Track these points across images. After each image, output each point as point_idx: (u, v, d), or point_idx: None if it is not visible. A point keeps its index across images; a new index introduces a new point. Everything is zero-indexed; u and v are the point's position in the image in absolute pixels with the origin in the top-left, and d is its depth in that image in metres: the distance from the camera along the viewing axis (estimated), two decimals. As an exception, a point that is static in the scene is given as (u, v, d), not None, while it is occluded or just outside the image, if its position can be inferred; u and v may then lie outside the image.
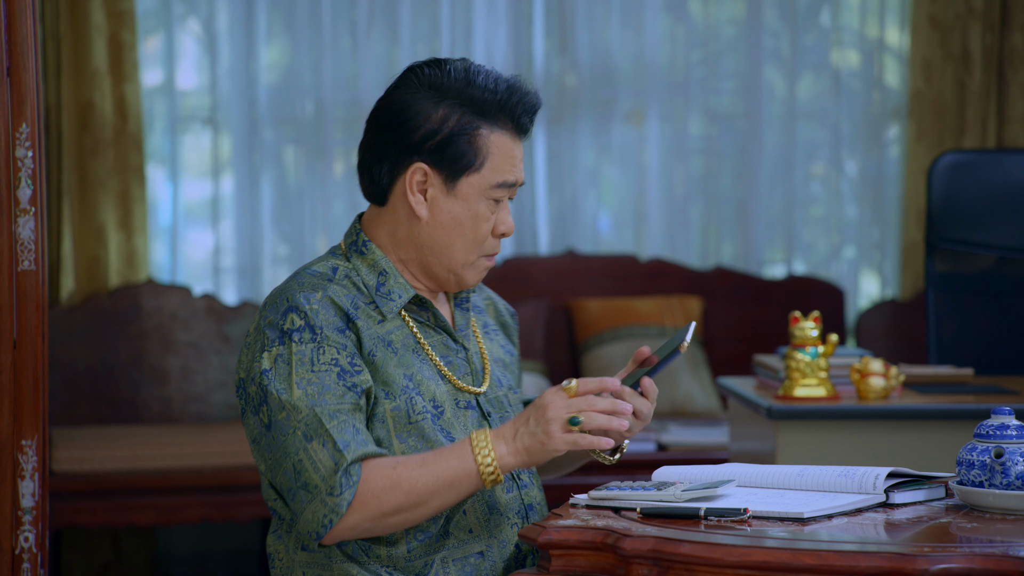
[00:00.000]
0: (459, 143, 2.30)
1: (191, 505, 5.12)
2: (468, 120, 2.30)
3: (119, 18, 5.51)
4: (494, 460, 2.19)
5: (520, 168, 2.35)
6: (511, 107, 2.32)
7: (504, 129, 2.32)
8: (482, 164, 2.31)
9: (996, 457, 2.13)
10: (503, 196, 2.33)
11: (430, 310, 2.37)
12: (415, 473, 2.19)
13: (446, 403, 2.33)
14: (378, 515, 2.19)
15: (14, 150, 2.85)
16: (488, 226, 2.34)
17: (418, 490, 2.19)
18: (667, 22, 6.00)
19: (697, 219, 6.06)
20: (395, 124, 2.34)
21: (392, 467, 2.20)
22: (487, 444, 2.20)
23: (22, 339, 2.86)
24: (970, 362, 4.15)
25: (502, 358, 2.48)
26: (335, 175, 5.84)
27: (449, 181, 2.31)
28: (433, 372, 2.34)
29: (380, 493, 2.19)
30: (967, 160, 4.42)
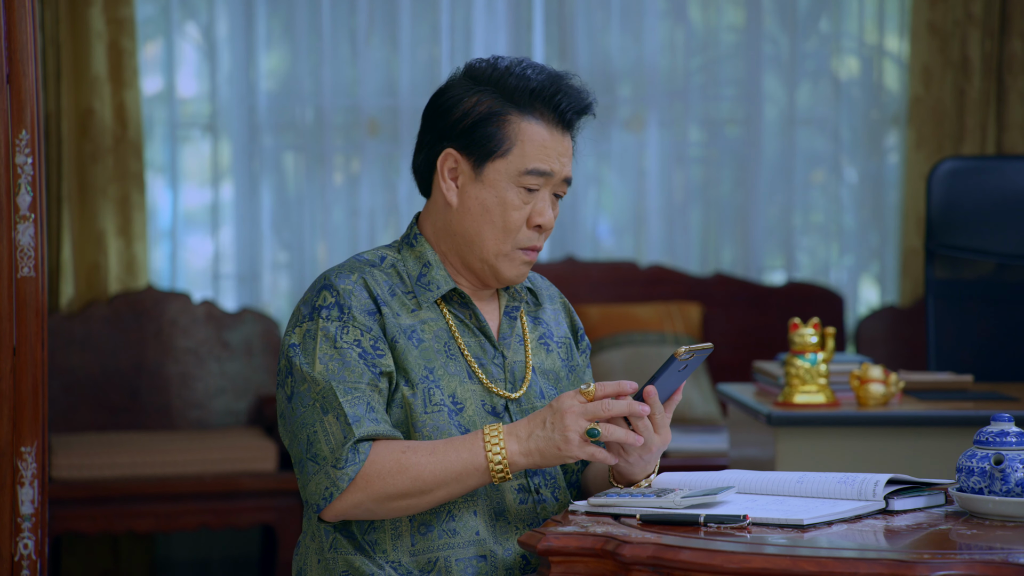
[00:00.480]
0: (486, 127, 2.31)
1: (190, 512, 5.12)
2: (498, 105, 2.31)
3: (119, 25, 5.51)
4: (504, 458, 2.20)
5: (559, 160, 2.32)
6: (548, 97, 2.32)
7: (539, 119, 2.32)
8: (509, 150, 2.31)
9: (996, 464, 2.13)
10: (536, 185, 2.32)
11: (471, 308, 2.37)
12: (424, 460, 2.20)
13: (468, 401, 2.32)
14: (382, 497, 2.20)
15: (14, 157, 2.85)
16: (520, 215, 2.32)
17: (424, 477, 2.20)
18: (666, 28, 6.00)
19: (697, 225, 6.06)
20: (432, 113, 2.37)
21: (402, 451, 2.21)
22: (499, 440, 2.20)
23: (22, 346, 2.86)
24: (970, 369, 4.15)
25: (556, 371, 2.45)
26: (335, 182, 5.84)
27: (477, 166, 2.32)
28: (462, 369, 2.33)
29: (386, 475, 2.20)
30: (966, 167, 4.42)
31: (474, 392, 2.33)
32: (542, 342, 2.45)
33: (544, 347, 2.45)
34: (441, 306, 2.36)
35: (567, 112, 2.33)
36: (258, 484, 5.16)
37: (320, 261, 5.83)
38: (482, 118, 2.31)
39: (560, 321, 2.50)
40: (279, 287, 5.88)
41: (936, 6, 5.85)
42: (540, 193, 2.33)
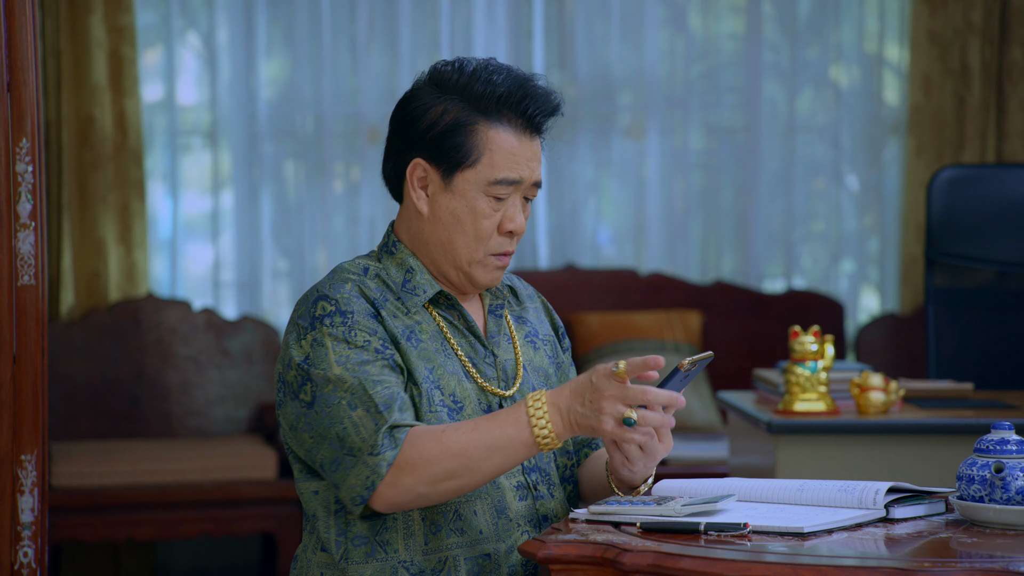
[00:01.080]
0: (454, 137, 2.31)
1: (190, 520, 5.12)
2: (465, 115, 2.31)
3: (119, 33, 5.52)
4: (551, 432, 2.19)
5: (528, 166, 2.32)
6: (516, 103, 2.31)
7: (508, 126, 2.31)
8: (477, 159, 2.30)
9: (996, 472, 2.13)
10: (505, 194, 2.32)
11: (458, 310, 2.37)
12: (466, 437, 2.19)
13: (467, 400, 2.33)
14: (431, 479, 2.18)
15: (14, 165, 2.85)
16: (490, 223, 2.32)
17: (470, 454, 2.18)
18: (667, 36, 6.01)
19: (697, 233, 6.06)
20: (399, 121, 2.37)
21: (441, 431, 2.20)
22: (544, 413, 2.19)
23: (22, 354, 2.86)
24: (970, 377, 4.15)
25: (544, 368, 2.46)
26: (335, 189, 5.84)
27: (446, 176, 2.32)
28: (458, 368, 2.34)
29: (431, 458, 2.18)
30: (966, 175, 4.42)
31: (470, 391, 2.34)
32: (528, 340, 2.46)
33: (531, 345, 2.46)
34: (430, 309, 2.36)
35: (535, 116, 2.32)
36: (258, 492, 5.15)
37: (320, 269, 5.83)
38: (449, 128, 2.31)
39: (542, 319, 2.51)
40: (279, 295, 5.89)
41: (936, 14, 5.86)
42: (510, 200, 2.33)
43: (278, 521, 5.18)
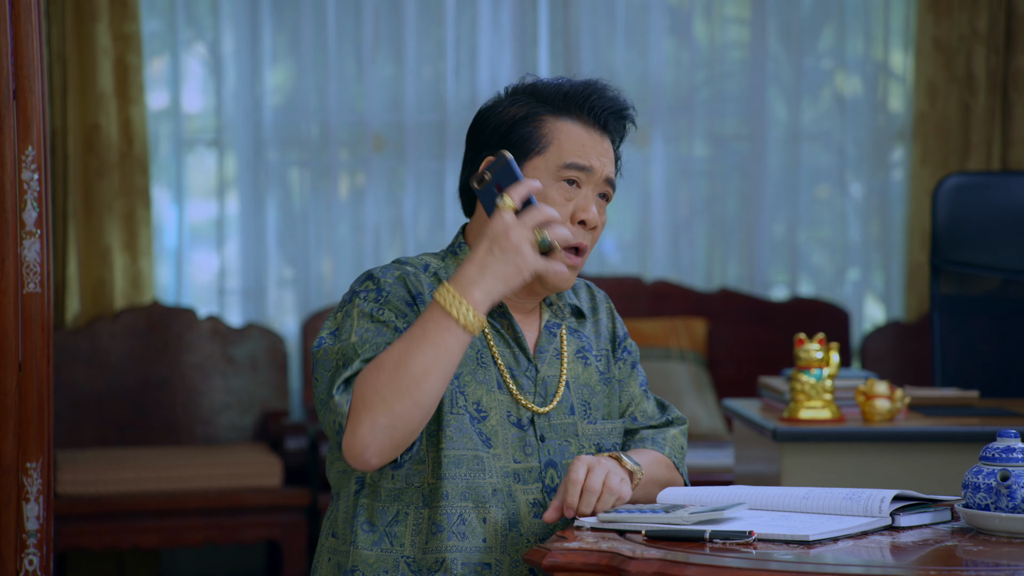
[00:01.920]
0: (522, 128, 2.33)
1: (195, 527, 5.12)
2: (532, 108, 2.34)
3: (125, 41, 5.53)
4: (469, 307, 2.16)
5: (598, 158, 2.33)
6: (582, 99, 2.34)
7: (575, 119, 2.34)
8: (545, 147, 2.32)
9: (1002, 480, 2.13)
10: (577, 178, 2.32)
11: (508, 319, 2.36)
12: (396, 348, 2.18)
13: (493, 411, 2.32)
14: (379, 400, 2.16)
15: (20, 173, 2.85)
16: (563, 211, 2.31)
17: (405, 361, 2.16)
18: (671, 45, 6.01)
19: (702, 241, 6.07)
20: (472, 130, 2.40)
21: (377, 358, 2.19)
22: (455, 297, 2.16)
23: (27, 361, 2.87)
24: (975, 384, 4.14)
25: (591, 385, 2.43)
26: (340, 197, 5.85)
27: (522, 167, 2.32)
28: (492, 378, 2.33)
29: (371, 382, 2.17)
30: (972, 182, 4.42)
31: (501, 402, 2.33)
32: (579, 356, 2.44)
33: (582, 361, 2.44)
34: None
35: (600, 113, 2.35)
36: (263, 500, 5.16)
37: (325, 276, 5.84)
38: (518, 120, 2.34)
39: (602, 332, 2.49)
40: (284, 302, 5.89)
41: (941, 22, 5.86)
42: (582, 190, 2.33)
43: (283, 529, 5.18)
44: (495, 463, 2.31)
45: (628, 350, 2.51)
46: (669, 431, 2.48)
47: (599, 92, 2.36)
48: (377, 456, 2.19)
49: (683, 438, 2.50)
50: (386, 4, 5.83)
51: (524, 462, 2.33)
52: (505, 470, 2.31)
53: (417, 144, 5.85)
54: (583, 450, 2.39)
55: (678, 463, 2.46)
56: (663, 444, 2.45)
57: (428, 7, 5.85)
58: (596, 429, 2.41)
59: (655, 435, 2.46)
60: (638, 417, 2.48)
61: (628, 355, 2.50)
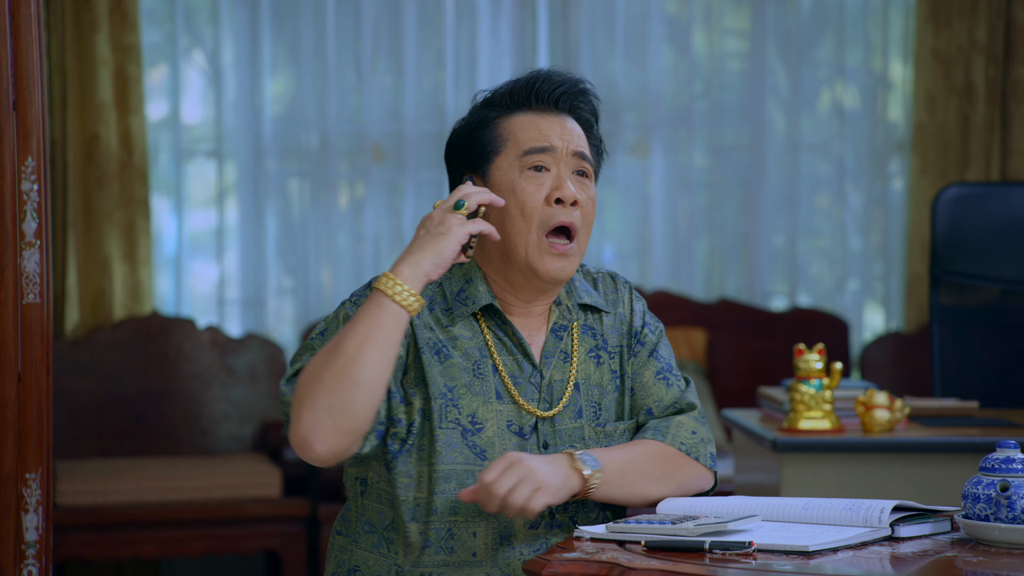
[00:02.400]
0: (479, 136, 2.35)
1: (195, 538, 5.12)
2: (484, 115, 2.37)
3: (125, 51, 5.53)
4: (398, 283, 2.19)
5: (558, 136, 2.33)
6: (527, 89, 2.35)
7: (525, 111, 2.35)
8: (503, 145, 2.33)
9: (1002, 491, 2.13)
10: (542, 162, 2.32)
11: (510, 325, 2.35)
12: (336, 336, 2.22)
13: (490, 422, 2.31)
14: (317, 382, 2.18)
15: (20, 183, 2.85)
16: (536, 196, 2.31)
17: (335, 341, 2.20)
18: (671, 55, 6.02)
19: (701, 251, 6.07)
20: (445, 157, 2.44)
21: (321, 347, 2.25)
22: (387, 277, 2.20)
23: (27, 372, 2.86)
24: (975, 395, 4.14)
25: (602, 385, 2.40)
26: (340, 207, 5.85)
27: (484, 173, 2.34)
28: (491, 389, 2.33)
29: (310, 368, 2.20)
30: (971, 193, 4.42)
31: (500, 412, 2.32)
32: (592, 355, 2.41)
33: (594, 360, 2.41)
34: (481, 323, 2.35)
35: (547, 95, 2.35)
36: (263, 510, 5.15)
37: (325, 286, 5.84)
38: (473, 129, 2.36)
39: (619, 327, 2.45)
40: (284, 312, 5.89)
41: (940, 33, 5.86)
42: (552, 171, 2.32)
43: (282, 539, 5.17)
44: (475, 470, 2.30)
45: (643, 341, 2.44)
46: (674, 419, 2.40)
47: (543, 77, 2.36)
48: (322, 443, 2.18)
49: (694, 423, 2.41)
50: (386, 14, 5.83)
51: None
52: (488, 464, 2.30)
53: (417, 154, 5.85)
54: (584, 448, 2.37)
55: (689, 449, 2.37)
56: (665, 432, 2.38)
57: (428, 17, 5.86)
58: (606, 431, 2.38)
59: (659, 424, 2.39)
60: (653, 408, 2.41)
61: (643, 346, 2.44)
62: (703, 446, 2.40)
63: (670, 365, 2.45)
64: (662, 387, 2.43)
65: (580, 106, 2.38)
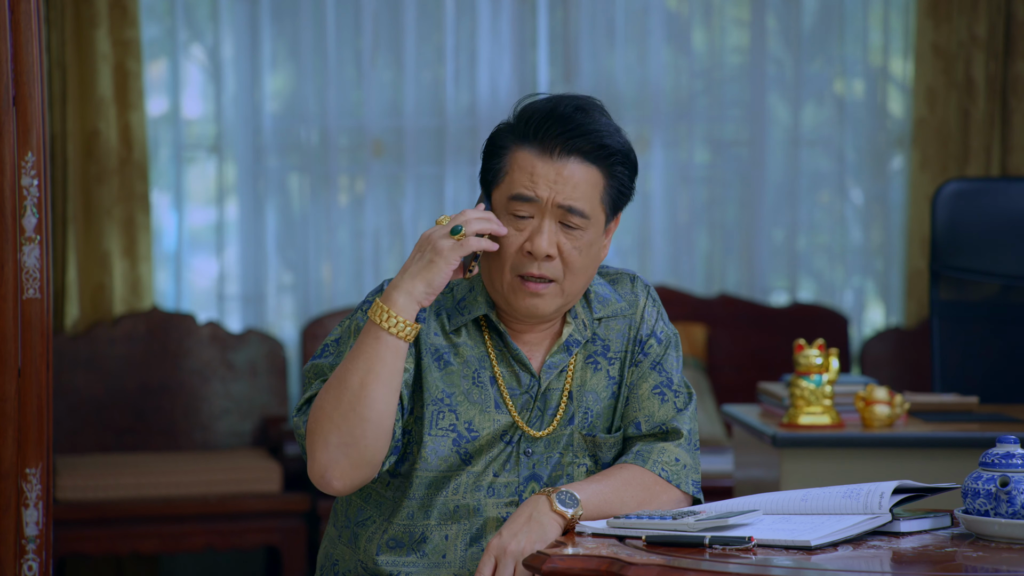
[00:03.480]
0: (491, 160, 2.32)
1: (195, 533, 5.12)
2: (503, 138, 2.31)
3: (124, 47, 5.53)
4: (392, 314, 2.20)
5: (548, 186, 2.25)
6: (538, 124, 2.27)
7: (529, 146, 2.28)
8: (503, 177, 2.29)
9: (1002, 486, 2.13)
10: (523, 211, 2.27)
11: (505, 340, 2.34)
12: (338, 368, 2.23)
13: (486, 430, 2.31)
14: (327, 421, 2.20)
15: (19, 179, 2.85)
16: (514, 242, 2.27)
17: (338, 376, 2.21)
18: (671, 50, 6.01)
19: (701, 246, 6.07)
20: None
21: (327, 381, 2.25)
22: (381, 308, 2.20)
23: (27, 367, 2.86)
24: (975, 390, 4.14)
25: (597, 391, 2.38)
26: (340, 203, 5.85)
27: (490, 200, 2.32)
28: (490, 398, 2.33)
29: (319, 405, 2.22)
30: (971, 188, 4.42)
31: (497, 422, 2.32)
32: (589, 361, 2.39)
33: (591, 365, 2.38)
34: (484, 332, 2.35)
35: (552, 138, 2.27)
36: (263, 505, 5.15)
37: (325, 282, 5.84)
38: (488, 154, 2.32)
39: (626, 332, 2.42)
40: (284, 308, 5.89)
41: (940, 28, 5.86)
42: (533, 221, 2.27)
43: (282, 534, 5.17)
44: (467, 480, 2.30)
45: (646, 352, 2.41)
46: (657, 445, 2.35)
47: (558, 117, 2.27)
48: (339, 479, 2.21)
49: (678, 450, 2.35)
50: (386, 9, 5.83)
51: (503, 476, 2.31)
52: (479, 485, 2.30)
53: (417, 149, 5.85)
54: (575, 460, 2.35)
55: (670, 476, 2.33)
56: (646, 458, 2.34)
57: (428, 12, 5.86)
58: (595, 441, 2.37)
59: (641, 449, 2.35)
60: (641, 423, 2.37)
61: (646, 357, 2.40)
62: (686, 473, 2.35)
63: (671, 380, 2.40)
64: (655, 402, 2.38)
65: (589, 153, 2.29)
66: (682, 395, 2.40)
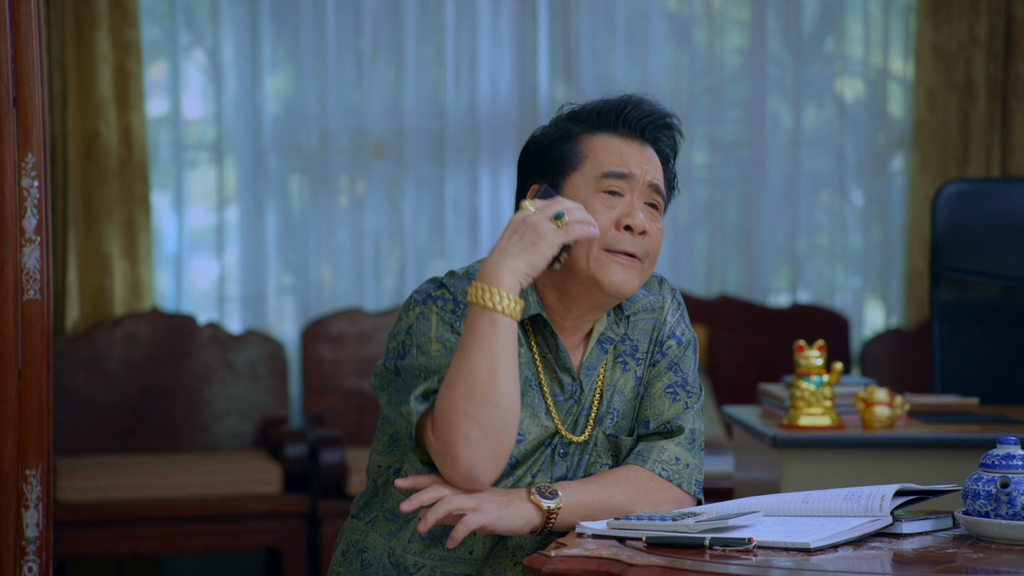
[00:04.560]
0: (559, 148, 2.32)
1: (195, 534, 5.12)
2: (567, 128, 2.33)
3: (125, 48, 5.53)
4: (501, 293, 2.17)
5: (639, 165, 2.30)
6: (616, 112, 2.32)
7: (610, 132, 2.32)
8: (582, 162, 2.30)
9: (1002, 487, 2.13)
10: (617, 188, 2.29)
11: (556, 339, 2.33)
12: (456, 362, 2.18)
13: (532, 435, 2.31)
14: (463, 418, 2.16)
15: (20, 180, 2.85)
16: (606, 218, 2.27)
17: (461, 370, 2.17)
18: (671, 51, 6.01)
19: (702, 248, 6.07)
20: (519, 163, 2.40)
21: (445, 378, 2.21)
22: (484, 289, 2.17)
23: (27, 368, 2.86)
24: (975, 391, 4.14)
25: (625, 393, 2.39)
26: (340, 204, 5.85)
27: (558, 186, 2.31)
28: (540, 403, 2.32)
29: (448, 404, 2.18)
30: (971, 189, 4.42)
31: (545, 428, 2.32)
32: (620, 361, 2.39)
33: (621, 365, 2.39)
34: (531, 336, 2.34)
35: (635, 122, 2.33)
36: (263, 506, 5.15)
37: (325, 283, 5.84)
38: (554, 140, 2.33)
39: (651, 333, 2.43)
40: (284, 309, 5.89)
41: (941, 29, 5.86)
42: (625, 198, 2.30)
43: (282, 535, 5.17)
44: (508, 483, 2.30)
45: (664, 352, 2.41)
46: (658, 443, 2.36)
47: (634, 104, 2.34)
48: (486, 472, 2.19)
49: (678, 449, 2.36)
50: (386, 11, 5.83)
51: (540, 477, 2.32)
52: (516, 486, 2.30)
53: (417, 151, 5.85)
54: (599, 460, 2.36)
55: (671, 475, 2.34)
56: (646, 457, 2.35)
57: (428, 14, 5.86)
58: (617, 443, 2.37)
59: (642, 448, 2.36)
60: (650, 421, 2.37)
61: (663, 357, 2.41)
62: (688, 472, 2.36)
63: (685, 380, 2.41)
64: (667, 401, 2.39)
65: (663, 139, 2.37)
66: (695, 393, 2.41)
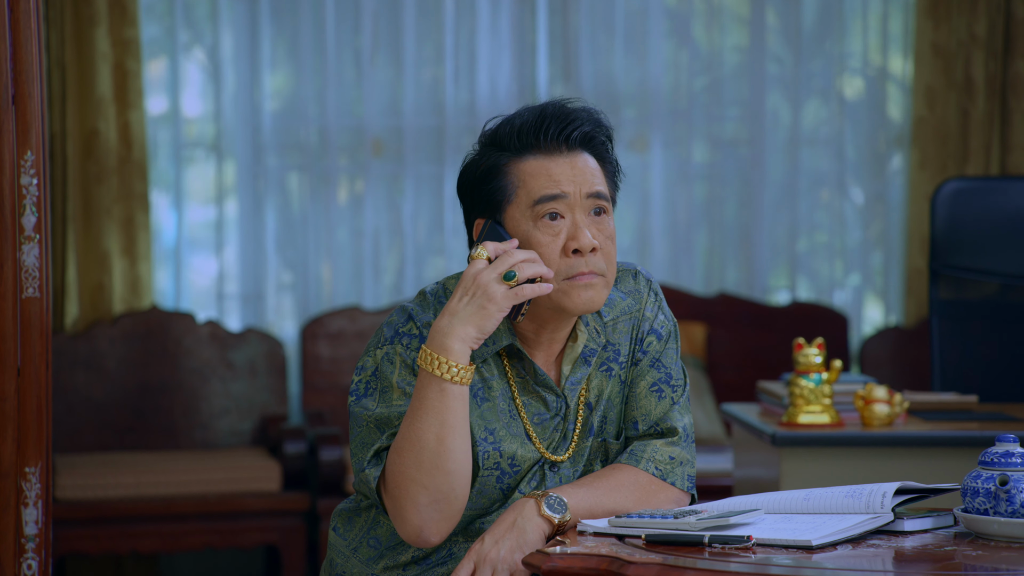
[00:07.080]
0: (490, 184, 2.28)
1: (194, 532, 5.12)
2: (494, 160, 2.28)
3: (124, 46, 5.53)
4: (448, 361, 2.17)
5: (570, 181, 2.26)
6: (535, 131, 2.27)
7: (534, 154, 2.27)
8: (513, 193, 2.26)
9: (1001, 484, 2.13)
10: (555, 210, 2.24)
11: (531, 363, 2.31)
12: (404, 427, 2.20)
13: (525, 463, 2.31)
14: (411, 483, 2.18)
15: (19, 178, 2.85)
16: (552, 247, 2.24)
17: (408, 436, 2.19)
18: (670, 49, 6.01)
19: (701, 245, 6.07)
20: (458, 190, 2.36)
21: (395, 440, 2.22)
22: (433, 357, 2.17)
23: (26, 366, 2.86)
24: (974, 389, 4.14)
25: (611, 397, 2.38)
26: (339, 202, 5.85)
27: (499, 223, 2.28)
28: (523, 430, 2.32)
29: (396, 469, 2.20)
30: (970, 187, 4.42)
31: (535, 452, 2.32)
32: (604, 368, 2.38)
33: (606, 373, 2.38)
34: (505, 362, 2.32)
35: (556, 135, 2.27)
36: (262, 504, 5.16)
37: (324, 281, 5.84)
38: (484, 176, 2.28)
39: (631, 332, 2.40)
40: (283, 307, 5.89)
41: (940, 27, 5.86)
42: (567, 219, 2.26)
43: (282, 533, 5.17)
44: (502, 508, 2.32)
45: (645, 350, 2.39)
46: (651, 443, 2.35)
47: (551, 117, 2.29)
48: (436, 534, 2.21)
49: (671, 448, 2.36)
50: (385, 9, 5.83)
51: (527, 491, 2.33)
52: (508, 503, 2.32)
53: (416, 149, 5.85)
54: (591, 468, 2.36)
55: (664, 474, 2.34)
56: (639, 457, 2.34)
57: (427, 11, 5.86)
58: (605, 446, 2.37)
59: (634, 448, 2.35)
60: (639, 422, 2.37)
61: (645, 355, 2.39)
62: (679, 469, 2.36)
63: (669, 375, 2.40)
64: (653, 400, 2.38)
65: (592, 139, 2.33)
66: (679, 386, 2.40)
